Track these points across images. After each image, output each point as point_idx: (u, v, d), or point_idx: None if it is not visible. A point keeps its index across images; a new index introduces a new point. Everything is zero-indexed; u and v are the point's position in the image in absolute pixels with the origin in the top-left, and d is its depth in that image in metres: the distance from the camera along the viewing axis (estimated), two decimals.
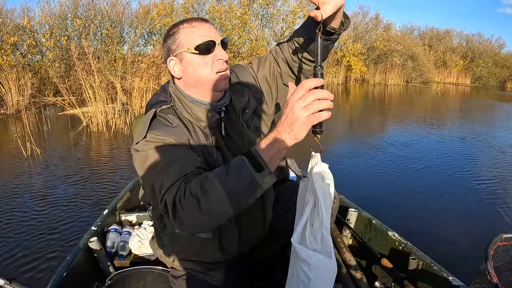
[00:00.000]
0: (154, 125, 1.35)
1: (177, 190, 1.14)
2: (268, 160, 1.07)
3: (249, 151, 1.09)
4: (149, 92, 8.72)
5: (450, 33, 35.77)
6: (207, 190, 1.09)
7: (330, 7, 1.11)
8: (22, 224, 3.72)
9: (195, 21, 1.36)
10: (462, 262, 3.12)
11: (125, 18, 16.26)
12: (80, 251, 2.05)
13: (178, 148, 1.29)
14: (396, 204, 4.44)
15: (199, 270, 1.57)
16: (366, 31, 26.49)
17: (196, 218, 1.13)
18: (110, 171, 5.43)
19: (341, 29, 1.30)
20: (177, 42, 1.35)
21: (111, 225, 2.47)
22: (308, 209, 1.07)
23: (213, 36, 1.34)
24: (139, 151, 1.31)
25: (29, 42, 13.25)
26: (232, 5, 19.62)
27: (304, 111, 0.99)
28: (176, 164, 1.21)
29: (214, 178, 1.10)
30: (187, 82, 1.41)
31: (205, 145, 1.38)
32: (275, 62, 1.56)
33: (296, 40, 1.44)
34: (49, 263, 3.04)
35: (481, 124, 11.34)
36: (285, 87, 1.59)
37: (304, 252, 1.03)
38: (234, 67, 1.61)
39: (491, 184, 5.31)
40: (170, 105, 1.43)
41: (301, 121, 1.00)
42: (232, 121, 1.48)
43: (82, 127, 8.17)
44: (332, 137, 8.12)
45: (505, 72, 36.15)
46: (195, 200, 1.09)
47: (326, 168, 1.09)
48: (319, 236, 1.05)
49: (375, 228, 2.49)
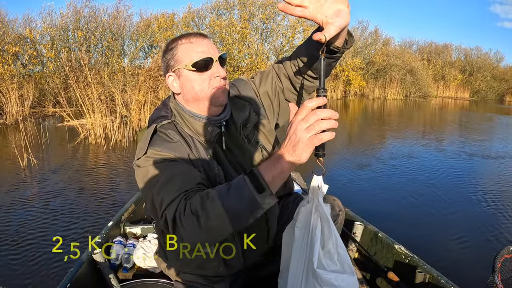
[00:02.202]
0: (154, 140, 1.35)
1: (177, 206, 1.14)
2: (270, 181, 1.06)
3: (252, 171, 1.09)
4: (147, 105, 8.72)
5: (449, 47, 36.12)
6: (207, 208, 1.09)
7: (334, 28, 1.08)
8: (22, 235, 3.69)
9: (194, 36, 1.36)
10: (469, 275, 3.09)
11: (126, 31, 16.39)
12: (84, 263, 2.03)
13: (178, 164, 1.29)
14: (400, 216, 4.43)
15: (203, 283, 1.56)
16: (365, 45, 26.70)
17: (196, 235, 1.14)
18: (107, 184, 5.38)
19: (344, 47, 1.28)
20: (175, 58, 1.36)
21: (115, 237, 2.46)
22: (319, 233, 1.07)
23: (211, 53, 1.35)
24: (140, 167, 1.32)
25: (30, 52, 13.31)
26: (232, 19, 19.78)
27: (306, 132, 0.98)
28: (176, 180, 1.22)
29: (215, 196, 1.10)
30: (186, 97, 1.41)
31: (205, 160, 1.38)
32: (277, 77, 1.56)
33: (299, 57, 1.44)
34: (51, 275, 3.00)
35: (483, 136, 11.38)
36: (286, 102, 1.59)
37: (329, 276, 1.03)
38: (236, 81, 1.62)
39: (497, 196, 5.31)
40: (171, 120, 1.44)
41: (303, 143, 0.98)
42: (232, 135, 1.48)
43: (80, 139, 8.16)
44: (335, 150, 8.14)
45: (504, 86, 36.44)
46: (195, 217, 1.10)
47: (326, 190, 1.11)
48: (335, 256, 1.05)
49: (381, 241, 2.47)
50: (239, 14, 20.38)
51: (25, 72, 13.29)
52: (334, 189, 5.19)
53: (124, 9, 16.14)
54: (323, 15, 1.06)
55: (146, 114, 8.49)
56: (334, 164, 6.87)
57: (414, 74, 27.87)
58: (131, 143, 8.07)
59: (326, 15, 1.06)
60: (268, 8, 20.01)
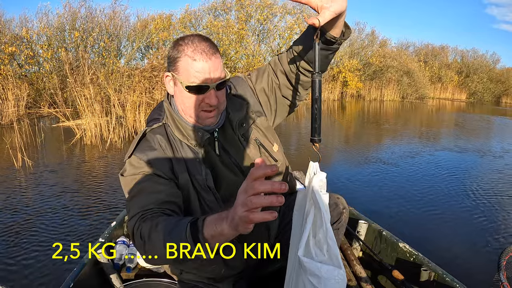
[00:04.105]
0: (140, 145, 1.39)
1: (134, 224, 1.20)
2: (209, 238, 1.00)
3: (196, 222, 1.03)
4: (143, 105, 8.68)
5: (445, 49, 36.34)
6: (152, 240, 1.11)
7: (329, 13, 1.08)
8: (23, 235, 3.66)
9: (200, 53, 1.28)
10: (474, 273, 3.10)
11: (123, 32, 16.34)
12: (87, 263, 2.03)
13: (149, 180, 1.31)
14: (404, 215, 4.44)
15: (207, 282, 1.57)
16: (362, 47, 26.81)
17: (143, 253, 1.18)
18: (103, 184, 5.36)
19: (341, 38, 1.28)
20: (176, 65, 1.31)
21: (118, 237, 2.46)
22: (310, 220, 1.05)
23: (210, 78, 1.29)
24: (123, 175, 1.36)
25: (26, 52, 13.26)
26: (229, 20, 19.80)
27: (241, 207, 0.86)
28: (140, 197, 1.26)
29: (160, 232, 1.10)
30: (177, 103, 1.40)
31: (193, 164, 1.38)
32: (274, 73, 1.55)
33: (295, 49, 1.43)
34: (52, 275, 2.98)
35: (485, 136, 11.45)
36: (284, 98, 1.59)
37: (313, 265, 1.00)
38: (233, 79, 1.61)
39: (503, 195, 5.36)
40: (162, 123, 1.44)
41: (238, 216, 0.87)
42: (228, 136, 1.48)
43: (76, 139, 8.10)
44: (338, 149, 8.18)
45: (500, 87, 36.72)
46: (143, 241, 1.14)
47: (324, 178, 1.07)
48: (325, 246, 1.03)
49: (385, 239, 2.47)
50: (236, 15, 20.43)
51: (21, 72, 13.21)
52: (339, 188, 5.22)
53: (121, 9, 16.13)
54: (318, 0, 1.07)
55: (142, 114, 8.45)
56: (338, 163, 6.90)
57: (410, 76, 28.00)
58: (126, 144, 8.03)
59: (321, 0, 1.07)
60: (265, 9, 20.05)
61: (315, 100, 1.12)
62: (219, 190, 1.40)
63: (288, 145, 8.37)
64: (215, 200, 1.38)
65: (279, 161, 1.56)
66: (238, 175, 1.46)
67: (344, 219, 1.79)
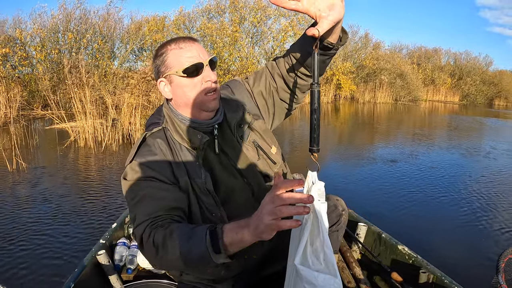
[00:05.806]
0: (140, 151, 1.39)
1: (143, 231, 1.21)
2: (228, 244, 1.07)
3: (215, 230, 1.10)
4: (139, 108, 8.63)
5: (438, 51, 36.51)
6: (167, 247, 1.14)
7: (327, 22, 1.08)
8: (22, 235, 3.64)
9: (183, 41, 1.36)
10: (473, 275, 3.11)
11: (117, 34, 16.29)
12: (88, 264, 2.02)
13: (153, 185, 1.31)
14: (403, 218, 4.46)
15: (206, 284, 1.55)
16: (356, 49, 26.88)
17: (153, 261, 1.23)
18: (98, 187, 5.32)
19: (339, 44, 1.29)
20: (165, 64, 1.36)
21: (119, 238, 2.47)
22: (308, 229, 1.05)
23: (201, 57, 1.34)
24: (126, 179, 1.35)
25: (20, 54, 13.16)
26: (223, 22, 19.76)
27: (268, 215, 0.95)
28: (146, 203, 1.27)
29: (176, 239, 1.13)
30: (178, 102, 1.42)
31: (192, 167, 1.39)
32: (271, 77, 1.56)
33: (293, 54, 1.44)
34: (55, 276, 2.98)
35: (484, 138, 11.54)
36: (281, 101, 1.59)
37: (309, 274, 1.01)
38: (229, 82, 1.62)
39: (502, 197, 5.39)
40: (162, 127, 1.45)
41: (264, 224, 0.96)
42: (226, 137, 1.48)
43: (70, 141, 8.05)
44: (335, 151, 8.22)
45: (493, 90, 36.92)
46: (155, 248, 1.16)
47: (322, 187, 1.08)
48: (321, 255, 1.04)
49: (384, 242, 2.48)
50: (230, 18, 20.39)
51: (14, 74, 13.11)
52: (337, 190, 5.23)
53: (115, 11, 16.08)
54: (316, 9, 1.07)
55: (137, 117, 8.42)
56: (335, 165, 6.93)
57: (404, 78, 28.05)
58: (121, 147, 8.00)
59: (319, 9, 1.07)
60: (259, 11, 20.03)
61: (314, 111, 1.12)
62: (218, 193, 1.40)
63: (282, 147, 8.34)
64: (214, 204, 1.38)
65: (278, 163, 1.57)
66: (237, 177, 1.46)
67: (343, 221, 1.79)
